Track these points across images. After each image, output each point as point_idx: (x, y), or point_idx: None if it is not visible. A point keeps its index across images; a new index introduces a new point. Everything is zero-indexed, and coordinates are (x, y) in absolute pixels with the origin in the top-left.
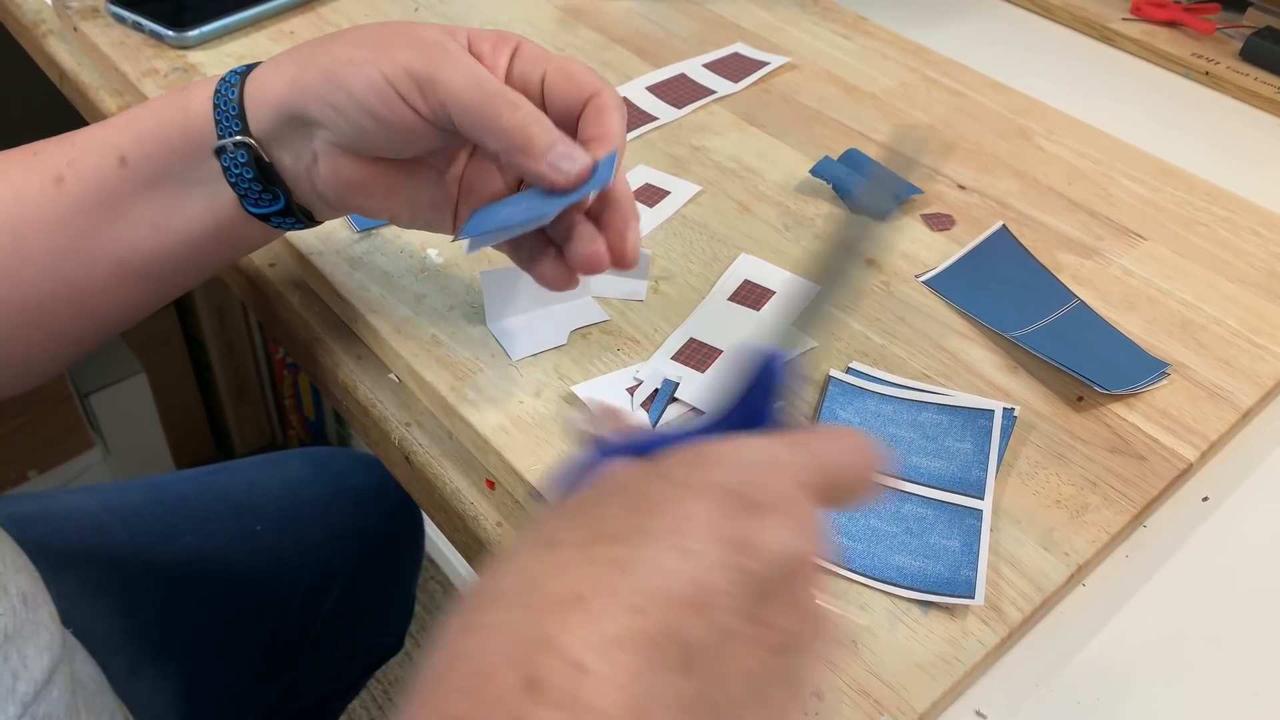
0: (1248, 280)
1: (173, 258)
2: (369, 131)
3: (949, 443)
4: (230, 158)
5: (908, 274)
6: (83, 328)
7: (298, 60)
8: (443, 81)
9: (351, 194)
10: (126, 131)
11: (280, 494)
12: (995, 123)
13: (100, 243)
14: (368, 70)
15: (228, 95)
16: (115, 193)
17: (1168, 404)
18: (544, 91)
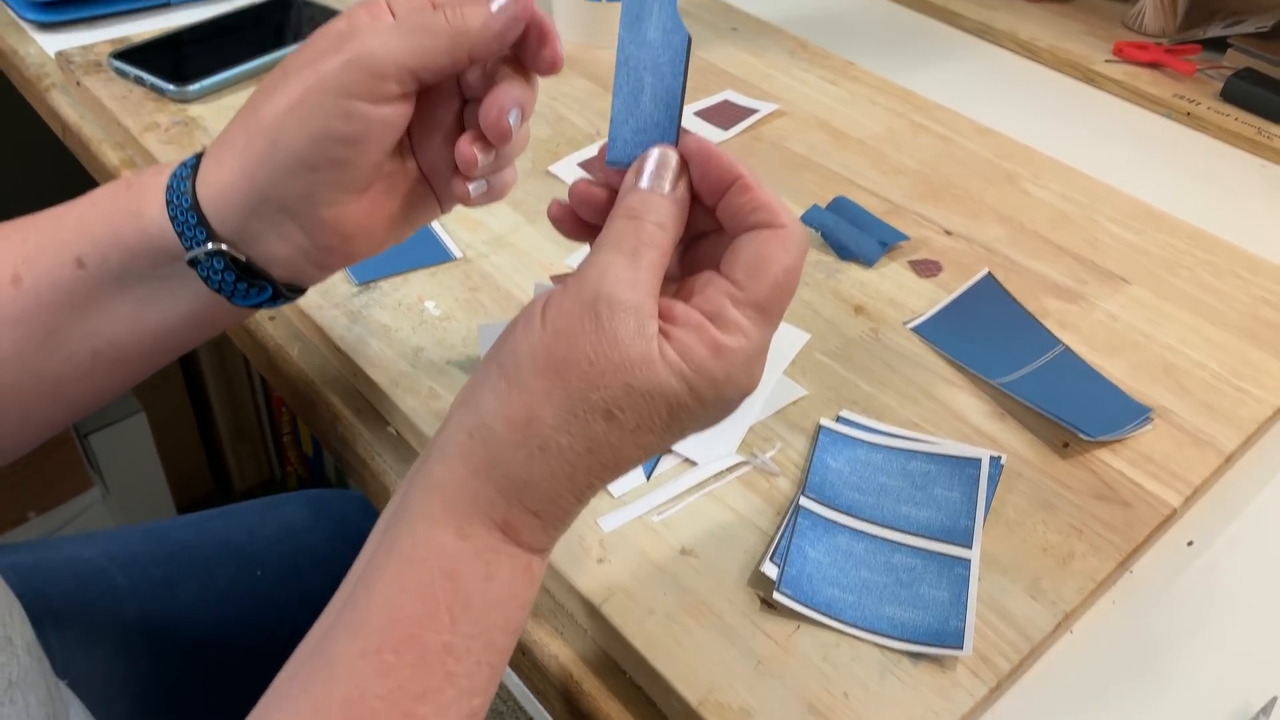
0: (1230, 324)
1: (150, 346)
2: (346, 160)
3: (938, 491)
4: (206, 266)
5: (896, 321)
6: (56, 413)
7: (234, 144)
8: (383, 54)
9: (354, 246)
10: (80, 232)
11: (280, 538)
12: (982, 167)
13: (70, 337)
14: (311, 102)
15: (180, 204)
16: (78, 292)
17: (1152, 449)
18: None
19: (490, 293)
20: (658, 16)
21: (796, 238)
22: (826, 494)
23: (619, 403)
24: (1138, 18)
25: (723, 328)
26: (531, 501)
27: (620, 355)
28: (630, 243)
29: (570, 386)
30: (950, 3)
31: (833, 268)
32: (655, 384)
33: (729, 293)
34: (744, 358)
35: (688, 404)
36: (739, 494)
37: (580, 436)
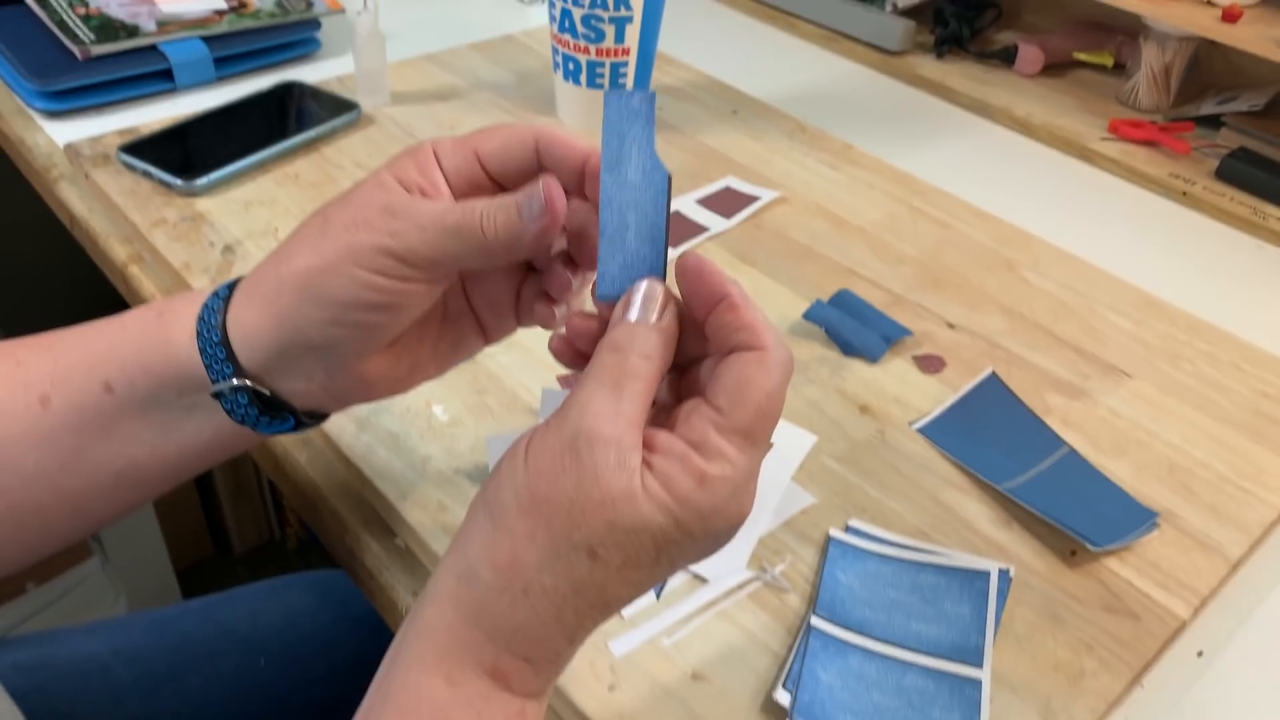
0: (1232, 420)
1: (172, 468)
2: (375, 325)
3: (947, 606)
4: (230, 400)
5: (902, 421)
6: (76, 528)
7: (264, 288)
8: (417, 246)
9: (376, 389)
10: (110, 357)
11: (284, 625)
12: (981, 255)
13: (94, 458)
14: (346, 272)
15: (210, 337)
16: (105, 415)
17: (1159, 556)
18: (485, 168)
19: (498, 395)
20: (637, 158)
21: (778, 360)
22: (837, 611)
23: (602, 541)
24: (1131, 93)
25: (707, 456)
26: (520, 646)
27: (601, 492)
28: (613, 375)
29: (553, 527)
30: (946, 79)
31: (837, 364)
32: (639, 520)
33: (713, 420)
34: (730, 487)
35: (674, 538)
36: (750, 612)
37: (564, 577)
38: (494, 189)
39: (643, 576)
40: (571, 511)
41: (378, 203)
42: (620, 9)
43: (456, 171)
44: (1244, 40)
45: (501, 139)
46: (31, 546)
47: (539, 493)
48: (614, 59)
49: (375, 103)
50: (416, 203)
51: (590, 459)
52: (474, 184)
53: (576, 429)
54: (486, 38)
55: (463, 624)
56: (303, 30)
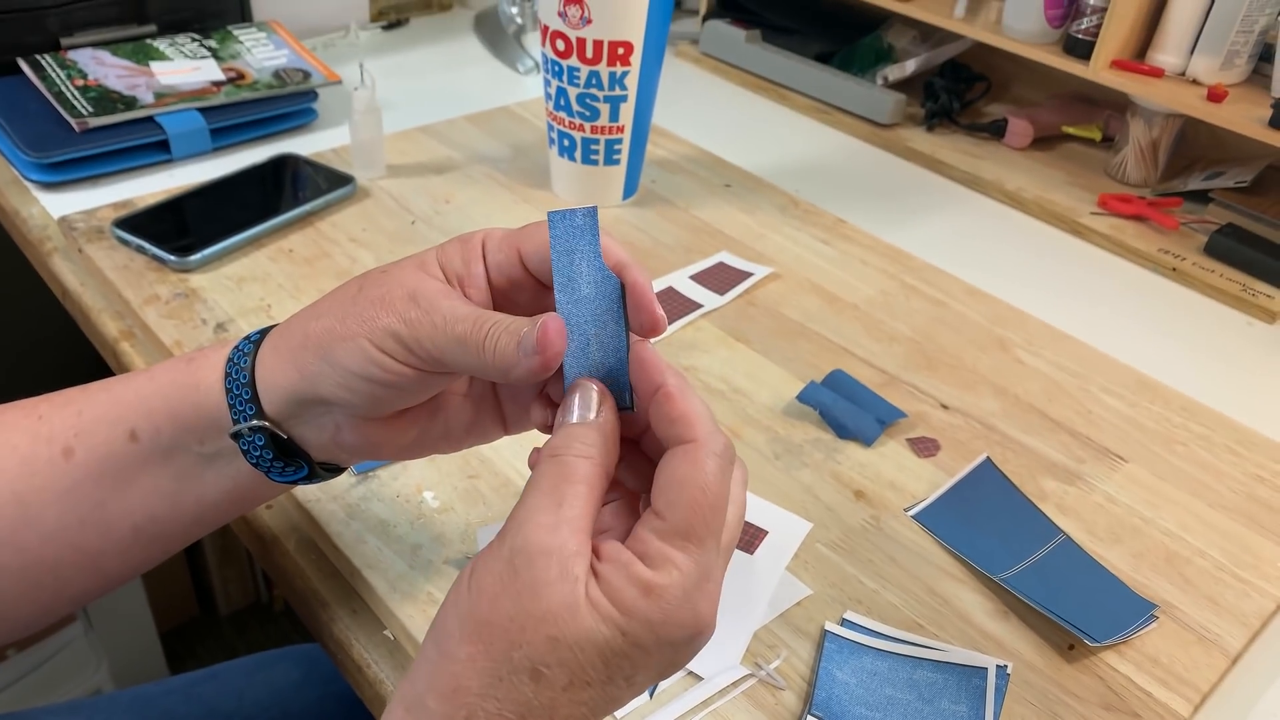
0: (1228, 505)
1: (189, 521)
2: (380, 397)
3: (945, 704)
4: (248, 441)
5: (896, 507)
6: (90, 586)
7: (292, 340)
8: (425, 340)
9: (383, 451)
10: (136, 406)
11: (270, 703)
12: (975, 334)
13: (113, 511)
14: (359, 344)
15: (239, 379)
16: (128, 466)
17: (1158, 651)
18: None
19: (489, 479)
20: (587, 273)
21: (712, 450)
22: (834, 711)
23: (544, 659)
24: (1120, 167)
25: (651, 565)
26: None
27: (542, 607)
28: (550, 482)
29: (493, 649)
30: (937, 152)
31: (831, 447)
32: (581, 634)
33: (653, 526)
34: (679, 593)
35: (624, 651)
36: (744, 711)
37: (508, 701)
38: (534, 285)
39: (595, 696)
40: (510, 630)
41: (409, 286)
42: (615, 89)
43: (498, 266)
44: (1229, 120)
45: (541, 241)
46: (45, 606)
47: (480, 615)
48: (609, 136)
49: (371, 175)
50: (440, 299)
51: (529, 573)
52: (513, 281)
53: (515, 544)
54: (482, 109)
55: None
56: (300, 101)
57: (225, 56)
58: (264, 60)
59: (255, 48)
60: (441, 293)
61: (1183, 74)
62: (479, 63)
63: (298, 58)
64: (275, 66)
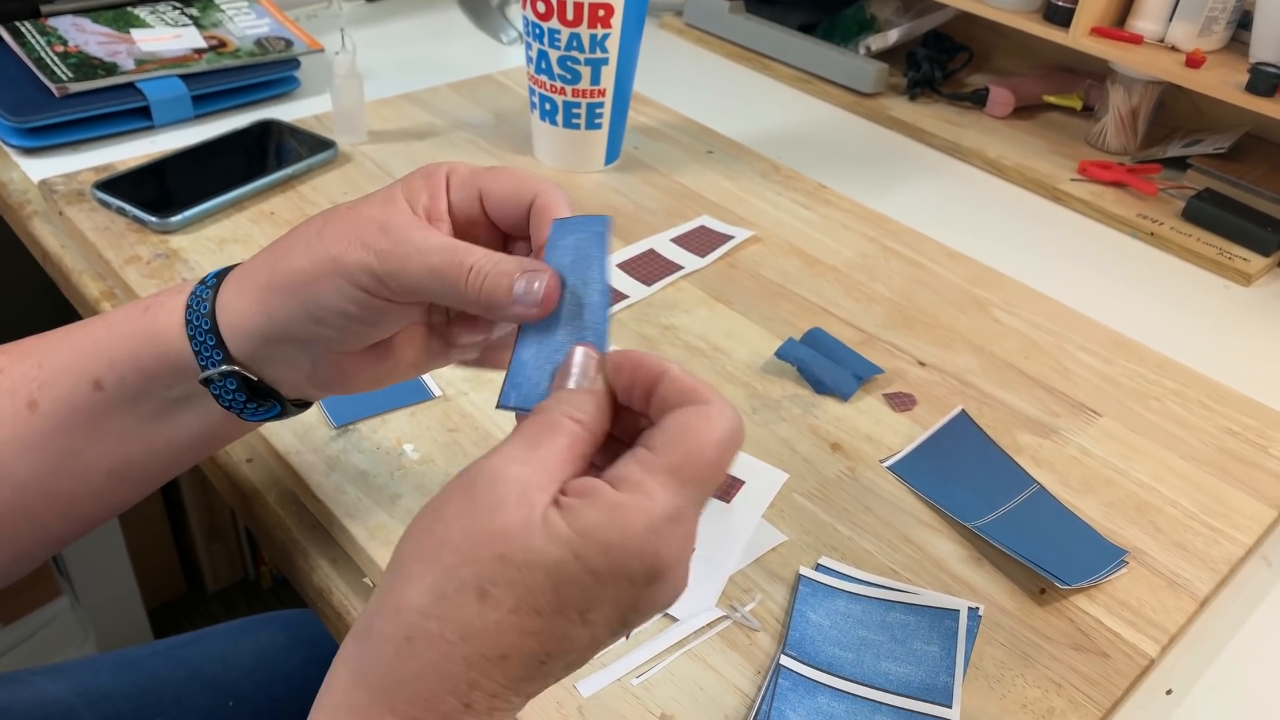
0: (1200, 458)
1: (164, 462)
2: (356, 331)
3: (917, 645)
4: (219, 385)
5: (872, 459)
6: (68, 530)
7: (257, 280)
8: (398, 272)
9: (357, 383)
10: (96, 356)
11: (254, 666)
12: (953, 294)
13: (86, 457)
14: (331, 281)
15: (200, 325)
16: (95, 414)
17: (1128, 595)
18: (485, 207)
19: (470, 433)
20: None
21: (724, 414)
22: (807, 651)
23: (492, 578)
24: (1100, 136)
25: (621, 488)
26: (404, 704)
27: (496, 524)
28: (532, 430)
29: (440, 563)
30: (919, 120)
31: (809, 402)
32: (531, 553)
33: (639, 458)
34: (645, 519)
35: (575, 576)
36: (719, 652)
37: (451, 621)
38: (489, 228)
39: (545, 627)
40: (461, 546)
41: (378, 218)
42: (596, 51)
43: (459, 204)
44: (1206, 85)
45: (508, 188)
46: (24, 551)
47: (434, 532)
48: (590, 100)
49: (353, 141)
50: (413, 229)
51: (489, 494)
52: (472, 220)
53: (480, 468)
54: (465, 77)
55: (352, 686)
56: (282, 69)
57: (207, 24)
58: (246, 29)
59: (237, 16)
60: (412, 224)
61: (1161, 40)
62: (463, 34)
63: (280, 26)
64: (257, 35)
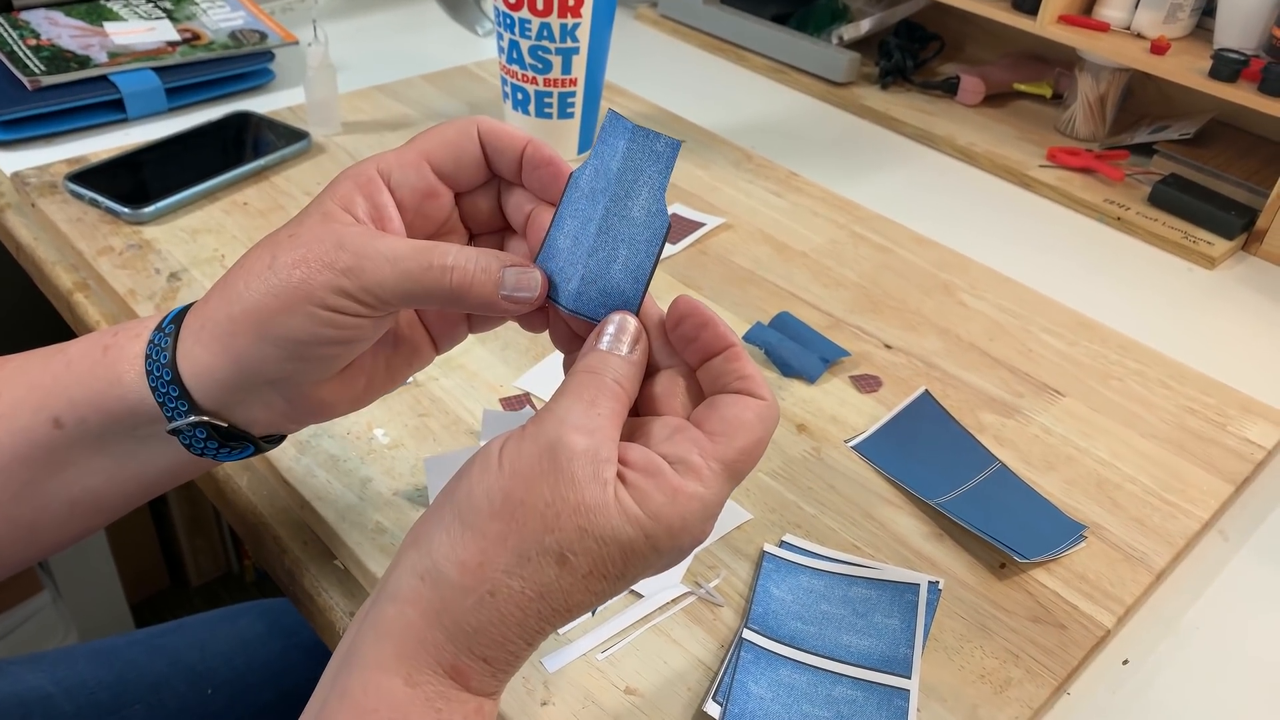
0: (1159, 435)
1: (128, 495)
2: (333, 355)
3: (878, 619)
4: (188, 435)
5: (837, 439)
6: (30, 554)
7: (217, 325)
8: (373, 286)
9: (337, 408)
10: (55, 393)
11: (232, 654)
12: (920, 279)
13: (46, 489)
14: (302, 311)
15: (161, 376)
16: (55, 450)
17: (1086, 568)
18: (437, 172)
19: (440, 418)
20: (646, 198)
21: (774, 415)
22: (769, 625)
23: (573, 547)
24: (1069, 123)
25: (684, 473)
26: (480, 647)
27: (576, 498)
28: (589, 393)
29: (525, 529)
30: (890, 109)
31: (776, 384)
32: (610, 530)
33: (699, 443)
34: (700, 505)
35: (643, 551)
36: (683, 627)
37: (532, 581)
38: (445, 191)
39: (606, 587)
40: (546, 516)
41: (329, 238)
42: (567, 41)
43: (409, 187)
44: (1171, 71)
45: (448, 140)
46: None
47: (514, 496)
48: (561, 89)
49: (326, 132)
50: (371, 239)
51: (569, 466)
52: (427, 193)
53: (555, 437)
54: (439, 69)
55: (424, 624)
56: (256, 61)
57: (180, 17)
58: (220, 21)
59: (211, 9)
60: (367, 234)
61: (1128, 28)
62: (437, 25)
63: (254, 19)
64: (231, 28)
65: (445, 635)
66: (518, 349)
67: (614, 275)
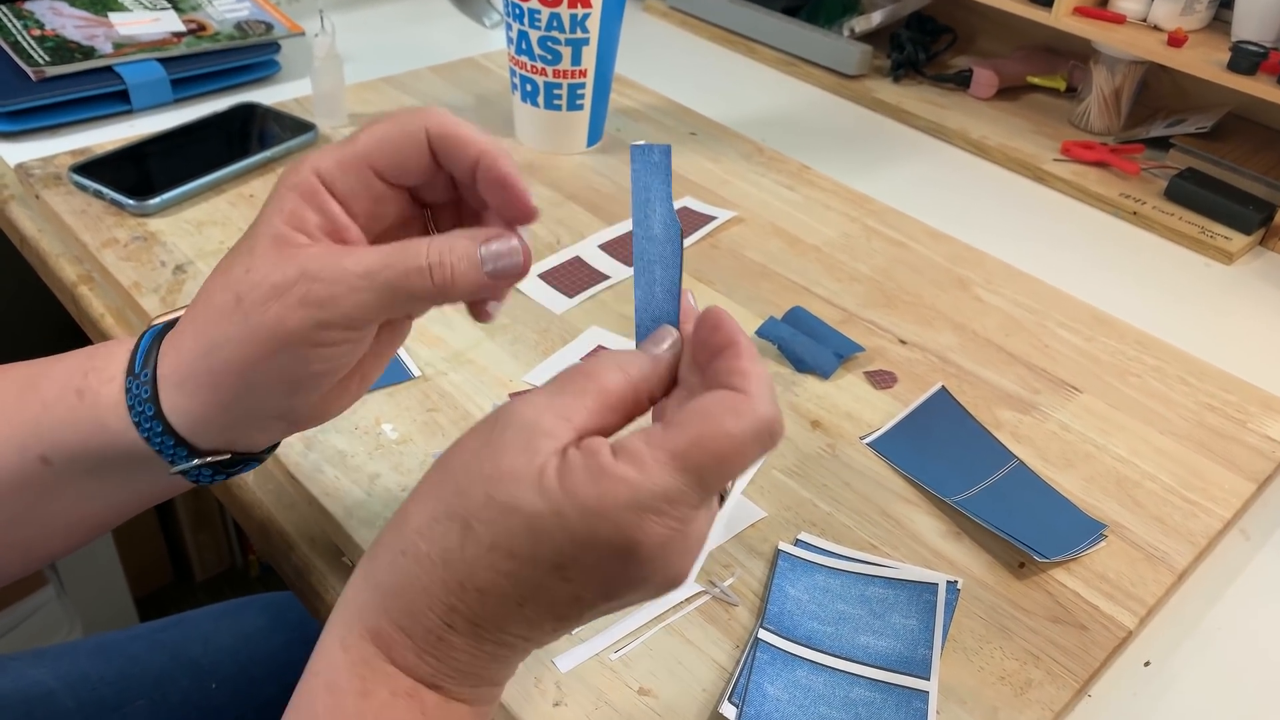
0: (1178, 432)
1: (127, 511)
2: (330, 372)
3: (895, 619)
4: (194, 474)
5: (852, 436)
6: (28, 566)
7: (198, 378)
8: (352, 311)
9: (338, 408)
10: (38, 435)
11: (236, 648)
12: (935, 273)
13: (42, 513)
14: (288, 353)
15: (153, 428)
16: (48, 482)
17: (1106, 568)
18: (382, 176)
19: (449, 413)
20: (660, 212)
21: (756, 411)
22: (785, 625)
23: (478, 514)
24: (1083, 116)
25: (620, 456)
26: (396, 613)
27: (494, 466)
28: (565, 376)
29: (442, 491)
30: (902, 102)
31: (789, 380)
32: (516, 500)
33: (650, 432)
34: (628, 492)
35: (550, 530)
36: (698, 626)
37: (437, 544)
38: (396, 192)
39: (519, 571)
40: (460, 479)
41: (291, 269)
42: (576, 31)
43: (353, 194)
44: (1188, 64)
45: (391, 143)
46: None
47: (448, 461)
48: (571, 80)
49: (333, 124)
50: (337, 258)
51: (501, 436)
52: (375, 197)
53: (508, 408)
54: (446, 60)
55: (362, 582)
56: (262, 53)
57: (186, 8)
58: (225, 12)
59: (216, 0)
60: (328, 254)
61: (1144, 20)
62: (445, 17)
63: (260, 10)
64: (237, 19)
65: (370, 594)
66: (527, 344)
67: (658, 299)
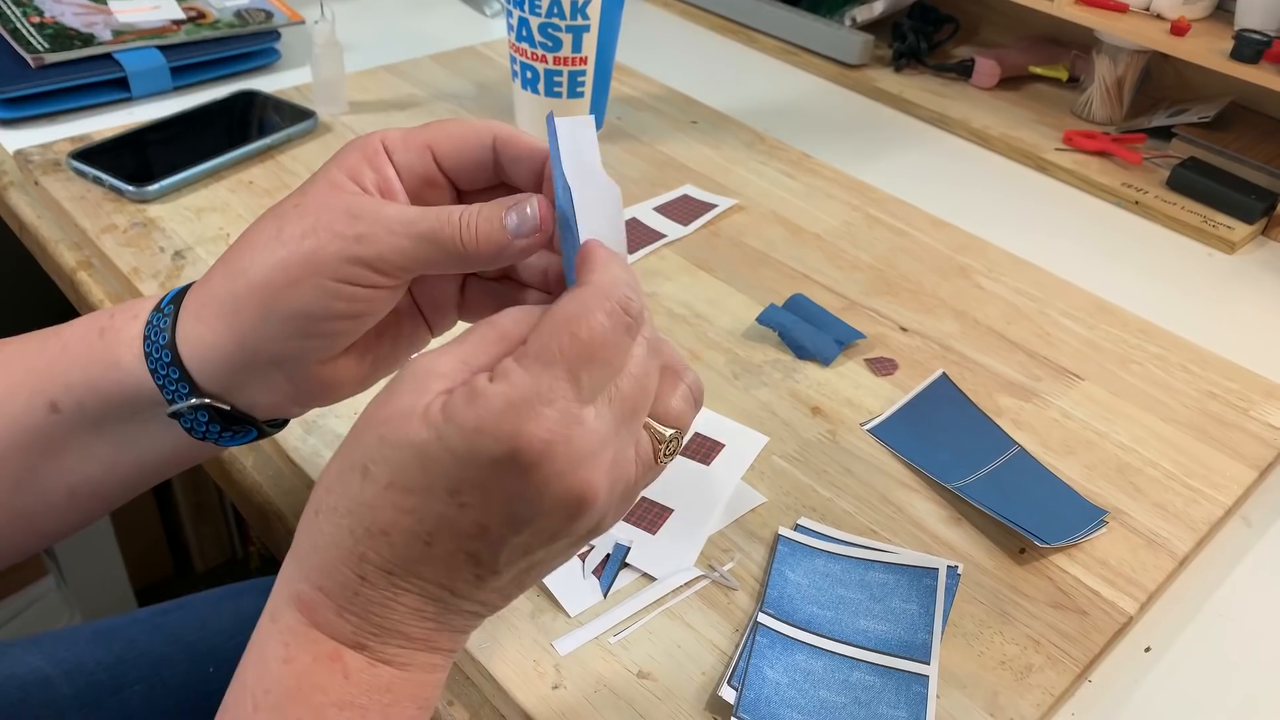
0: (1180, 420)
1: (128, 482)
2: (341, 330)
3: (895, 604)
4: (189, 419)
5: (853, 422)
6: (29, 543)
7: (220, 303)
8: (387, 252)
9: (343, 389)
10: (51, 378)
11: (234, 631)
12: (936, 261)
13: (45, 476)
14: (314, 284)
15: (160, 358)
16: (53, 436)
17: (1107, 554)
18: (440, 163)
19: None
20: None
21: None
22: (785, 609)
23: (372, 455)
24: (1085, 106)
25: (493, 378)
26: (314, 573)
27: (387, 410)
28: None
29: (345, 447)
30: (904, 92)
31: (790, 367)
32: (405, 435)
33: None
34: (502, 402)
35: (438, 456)
36: (697, 610)
37: (343, 496)
38: (447, 185)
39: (419, 505)
40: (359, 429)
41: (338, 206)
42: (577, 18)
43: (409, 168)
44: (1191, 53)
45: (457, 135)
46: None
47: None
48: (572, 68)
49: (333, 111)
50: (381, 206)
51: (397, 383)
52: (426, 180)
53: (408, 362)
54: (447, 49)
55: (290, 557)
56: (261, 41)
57: None
58: (225, 0)
59: None
60: (376, 202)
61: (1147, 9)
62: (445, 5)
63: None
64: (237, 6)
65: (293, 560)
66: None
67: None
